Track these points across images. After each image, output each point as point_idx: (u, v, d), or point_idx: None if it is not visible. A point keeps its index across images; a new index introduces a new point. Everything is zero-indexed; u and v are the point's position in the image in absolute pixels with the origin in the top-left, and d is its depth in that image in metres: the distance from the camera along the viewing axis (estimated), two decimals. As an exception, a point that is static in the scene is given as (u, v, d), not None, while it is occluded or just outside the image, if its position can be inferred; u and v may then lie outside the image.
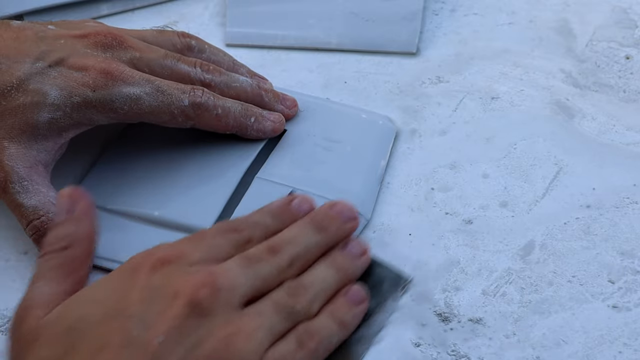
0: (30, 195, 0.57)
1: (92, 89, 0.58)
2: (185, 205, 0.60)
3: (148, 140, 0.63)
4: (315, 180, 0.61)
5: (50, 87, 0.57)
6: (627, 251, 0.59)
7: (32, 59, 0.58)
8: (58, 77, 0.58)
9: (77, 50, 0.59)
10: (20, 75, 0.57)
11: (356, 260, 0.52)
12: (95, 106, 0.58)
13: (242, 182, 0.61)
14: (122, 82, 0.58)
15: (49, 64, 0.58)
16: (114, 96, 0.58)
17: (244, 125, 0.62)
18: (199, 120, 0.61)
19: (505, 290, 0.57)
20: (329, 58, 0.72)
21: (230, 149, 0.62)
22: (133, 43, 0.61)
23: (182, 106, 0.60)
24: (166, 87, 0.59)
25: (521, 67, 0.71)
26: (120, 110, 0.58)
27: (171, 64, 0.61)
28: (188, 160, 0.62)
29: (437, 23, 0.74)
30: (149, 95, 0.59)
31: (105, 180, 0.61)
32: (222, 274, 0.47)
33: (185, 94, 0.60)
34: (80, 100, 0.58)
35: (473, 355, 0.54)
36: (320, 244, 0.51)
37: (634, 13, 0.74)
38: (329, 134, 0.64)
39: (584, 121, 0.67)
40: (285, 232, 0.51)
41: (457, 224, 0.60)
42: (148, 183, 0.61)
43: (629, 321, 0.55)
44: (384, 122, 0.66)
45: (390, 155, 0.64)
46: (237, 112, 0.62)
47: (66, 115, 0.58)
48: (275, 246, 0.50)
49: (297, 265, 0.50)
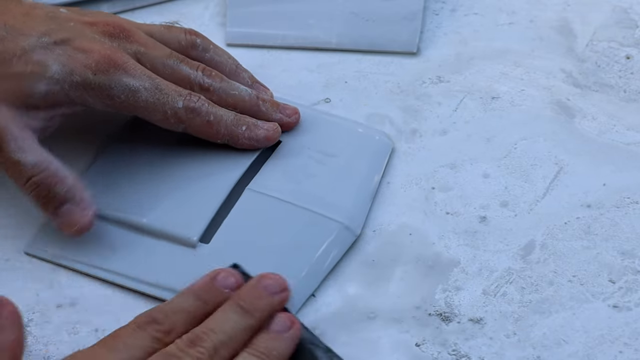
0: (27, 153, 0.57)
1: (93, 71, 0.58)
2: (174, 213, 0.60)
3: (142, 146, 0.63)
4: (307, 194, 0.61)
5: (53, 62, 0.58)
6: (628, 251, 0.59)
7: (38, 34, 0.58)
8: (62, 54, 0.58)
9: (84, 34, 0.60)
10: (25, 46, 0.58)
11: (281, 338, 0.51)
12: (94, 89, 0.58)
13: (233, 193, 0.61)
14: (124, 72, 0.59)
15: (55, 41, 0.58)
16: (113, 83, 0.58)
17: (235, 134, 0.62)
18: (190, 124, 0.61)
19: (506, 290, 0.57)
20: (329, 58, 0.72)
21: (223, 159, 0.62)
22: (140, 38, 0.61)
23: (176, 108, 0.60)
24: (164, 87, 0.60)
25: (521, 67, 0.70)
26: (116, 98, 0.59)
27: (173, 64, 0.61)
28: (180, 168, 0.62)
29: (437, 23, 0.74)
30: (147, 91, 0.59)
31: (96, 185, 0.61)
32: None
33: (181, 97, 0.60)
34: (80, 79, 0.58)
35: (473, 355, 0.54)
36: (247, 327, 0.51)
37: (635, 13, 0.74)
38: (324, 147, 0.64)
39: (584, 121, 0.67)
40: (209, 320, 0.50)
41: (458, 224, 0.60)
42: (138, 190, 0.61)
43: (630, 321, 0.55)
44: (381, 137, 0.65)
45: (391, 155, 0.64)
46: (229, 121, 0.62)
47: (63, 90, 0.58)
48: (197, 338, 0.49)
49: (221, 354, 0.49)
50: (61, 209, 0.57)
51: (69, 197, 0.57)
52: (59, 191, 0.57)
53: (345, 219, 0.60)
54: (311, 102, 0.68)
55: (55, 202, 0.57)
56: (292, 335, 0.51)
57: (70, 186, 0.57)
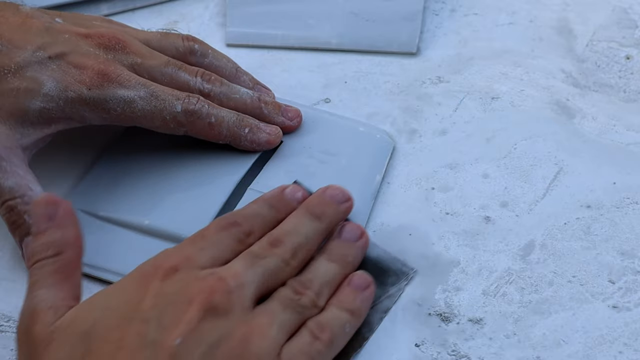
0: (8, 175, 0.56)
1: (87, 87, 0.58)
2: (176, 215, 0.59)
3: (143, 148, 0.63)
4: None
5: (47, 78, 0.58)
6: (628, 251, 0.59)
7: (33, 48, 0.58)
8: (56, 70, 0.58)
9: (79, 47, 0.59)
10: (19, 61, 0.58)
11: (353, 246, 0.55)
12: (89, 104, 0.58)
13: (235, 193, 0.61)
14: (118, 85, 0.59)
15: (49, 56, 0.58)
16: (108, 97, 0.58)
17: (238, 135, 0.62)
18: (192, 127, 0.61)
19: (506, 290, 0.57)
20: (329, 58, 0.72)
21: (224, 159, 0.62)
22: (136, 49, 0.61)
23: (175, 112, 0.60)
24: (160, 92, 0.60)
25: (521, 67, 0.71)
26: (113, 111, 0.59)
27: (171, 72, 0.61)
28: (181, 169, 0.62)
29: (437, 23, 0.74)
30: (143, 100, 0.59)
31: (98, 186, 0.61)
32: (231, 276, 0.49)
33: (179, 101, 0.60)
34: (75, 95, 0.58)
35: (473, 355, 0.54)
36: (319, 231, 0.54)
37: (634, 13, 0.74)
38: (325, 146, 0.64)
39: (584, 121, 0.67)
40: (284, 223, 0.54)
41: (458, 224, 0.60)
42: (140, 191, 0.61)
43: (629, 321, 0.55)
44: (382, 135, 0.65)
45: (391, 155, 0.64)
46: (232, 122, 0.61)
47: (59, 107, 0.58)
48: (277, 239, 0.52)
49: (299, 255, 0.52)
50: (25, 239, 0.56)
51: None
52: (27, 221, 0.56)
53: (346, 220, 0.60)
54: (311, 102, 0.68)
55: (21, 231, 0.57)
56: (362, 244, 0.55)
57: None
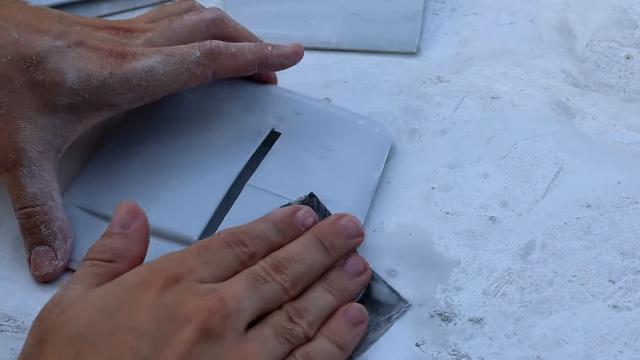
0: (34, 181, 0.57)
1: (109, 71, 0.58)
2: (173, 212, 0.59)
3: (140, 144, 0.63)
4: (307, 191, 0.61)
5: (69, 69, 0.57)
6: (628, 251, 0.59)
7: (51, 37, 0.58)
8: (77, 58, 0.58)
9: (94, 35, 0.60)
10: (39, 51, 0.57)
11: (354, 281, 0.54)
12: (114, 88, 0.58)
13: (233, 189, 0.61)
14: (135, 60, 0.59)
15: (69, 45, 0.58)
16: (129, 74, 0.58)
17: (263, 55, 0.62)
18: (217, 65, 0.60)
19: (506, 290, 0.57)
20: (329, 58, 0.72)
21: (222, 154, 0.62)
22: (142, 27, 0.61)
23: (196, 59, 0.60)
24: (175, 49, 0.60)
25: (521, 67, 0.71)
26: (138, 87, 0.59)
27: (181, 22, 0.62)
28: (179, 165, 0.62)
29: (437, 23, 0.74)
30: (161, 63, 0.59)
31: (94, 183, 0.61)
32: (231, 298, 0.48)
33: (195, 47, 0.60)
34: (98, 83, 0.58)
35: (473, 355, 0.54)
36: (323, 263, 0.53)
37: (634, 13, 0.74)
38: (323, 140, 0.64)
39: (584, 121, 0.67)
40: (290, 247, 0.53)
41: (458, 224, 0.60)
42: (137, 188, 0.61)
43: (630, 321, 0.55)
44: (381, 130, 0.65)
45: (391, 155, 0.64)
46: (252, 46, 0.62)
47: (85, 100, 0.58)
48: (281, 264, 0.52)
49: (299, 284, 0.52)
50: (35, 248, 0.57)
51: (47, 240, 0.57)
52: (42, 231, 0.57)
53: None
54: (311, 102, 0.68)
55: (33, 239, 0.57)
56: (363, 280, 0.55)
57: (54, 230, 0.57)
